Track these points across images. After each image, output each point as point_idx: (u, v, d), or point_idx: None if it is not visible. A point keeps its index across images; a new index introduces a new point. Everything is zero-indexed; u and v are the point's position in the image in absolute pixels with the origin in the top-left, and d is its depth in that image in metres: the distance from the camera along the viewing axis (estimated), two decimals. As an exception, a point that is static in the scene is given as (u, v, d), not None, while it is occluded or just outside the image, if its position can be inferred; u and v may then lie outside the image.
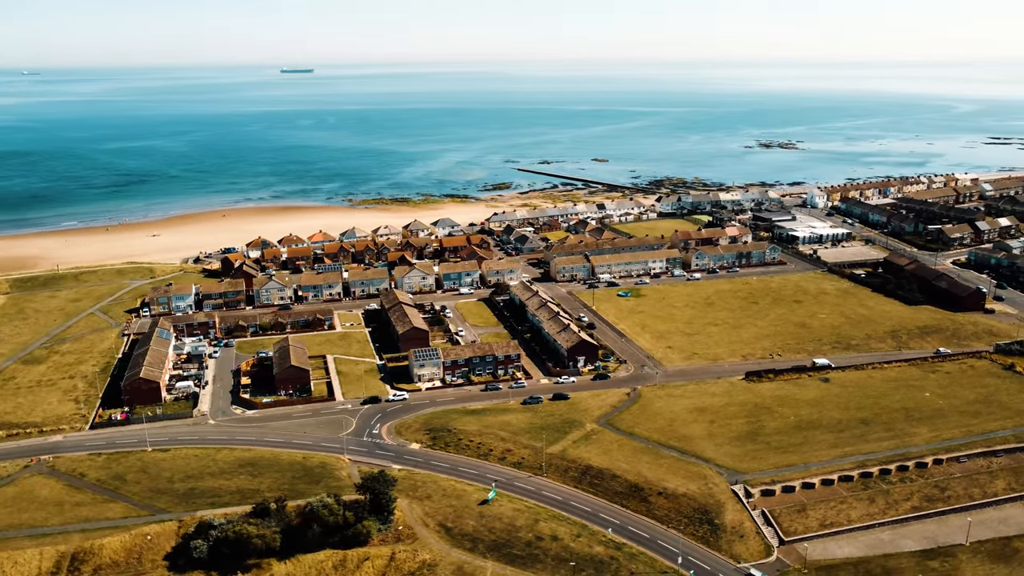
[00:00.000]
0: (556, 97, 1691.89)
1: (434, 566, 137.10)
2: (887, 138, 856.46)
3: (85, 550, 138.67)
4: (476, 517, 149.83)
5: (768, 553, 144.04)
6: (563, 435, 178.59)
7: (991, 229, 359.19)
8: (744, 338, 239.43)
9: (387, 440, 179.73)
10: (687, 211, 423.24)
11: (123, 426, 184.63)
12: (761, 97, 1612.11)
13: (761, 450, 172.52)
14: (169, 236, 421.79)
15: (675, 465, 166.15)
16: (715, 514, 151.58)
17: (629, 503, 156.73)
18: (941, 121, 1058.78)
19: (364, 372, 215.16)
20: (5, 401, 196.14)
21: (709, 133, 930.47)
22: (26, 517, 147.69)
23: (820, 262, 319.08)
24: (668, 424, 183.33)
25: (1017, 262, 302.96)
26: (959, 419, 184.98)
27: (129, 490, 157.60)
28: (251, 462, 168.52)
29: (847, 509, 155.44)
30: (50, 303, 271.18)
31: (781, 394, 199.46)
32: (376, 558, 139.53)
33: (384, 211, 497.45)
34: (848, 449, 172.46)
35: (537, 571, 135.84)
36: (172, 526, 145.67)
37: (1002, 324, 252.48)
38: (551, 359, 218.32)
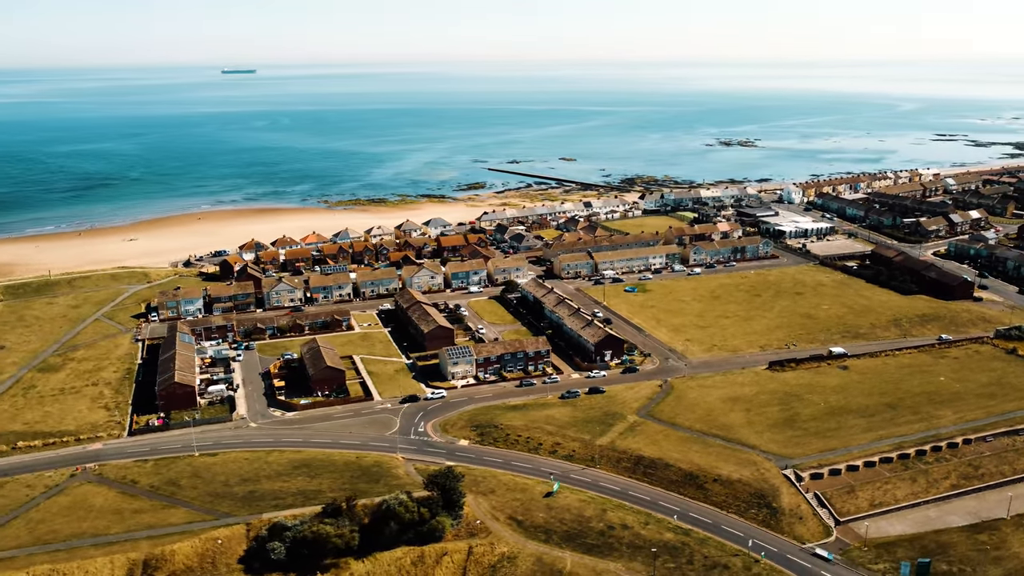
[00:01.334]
0: (506, 97, 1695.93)
1: (513, 558, 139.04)
2: (839, 136, 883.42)
3: (156, 556, 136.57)
4: (544, 509, 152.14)
5: (828, 533, 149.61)
6: (608, 427, 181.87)
7: (963, 221, 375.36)
8: (757, 329, 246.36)
9: (434, 438, 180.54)
10: (670, 208, 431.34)
11: (161, 432, 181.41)
12: (707, 96, 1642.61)
13: (801, 436, 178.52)
14: (147, 240, 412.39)
15: (723, 453, 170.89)
16: (772, 498, 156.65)
17: (686, 491, 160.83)
18: (887, 119, 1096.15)
19: (394, 371, 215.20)
20: (32, 410, 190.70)
21: (667, 132, 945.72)
22: (86, 526, 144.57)
23: (810, 255, 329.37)
24: (707, 414, 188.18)
25: (996, 252, 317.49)
26: (978, 401, 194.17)
27: (186, 495, 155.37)
28: (305, 463, 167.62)
29: (892, 489, 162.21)
30: (50, 310, 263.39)
31: (805, 382, 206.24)
32: (454, 553, 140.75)
33: (363, 212, 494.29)
34: (882, 432, 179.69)
35: (614, 559, 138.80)
36: (240, 529, 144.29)
37: (992, 311, 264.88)
38: (578, 354, 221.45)
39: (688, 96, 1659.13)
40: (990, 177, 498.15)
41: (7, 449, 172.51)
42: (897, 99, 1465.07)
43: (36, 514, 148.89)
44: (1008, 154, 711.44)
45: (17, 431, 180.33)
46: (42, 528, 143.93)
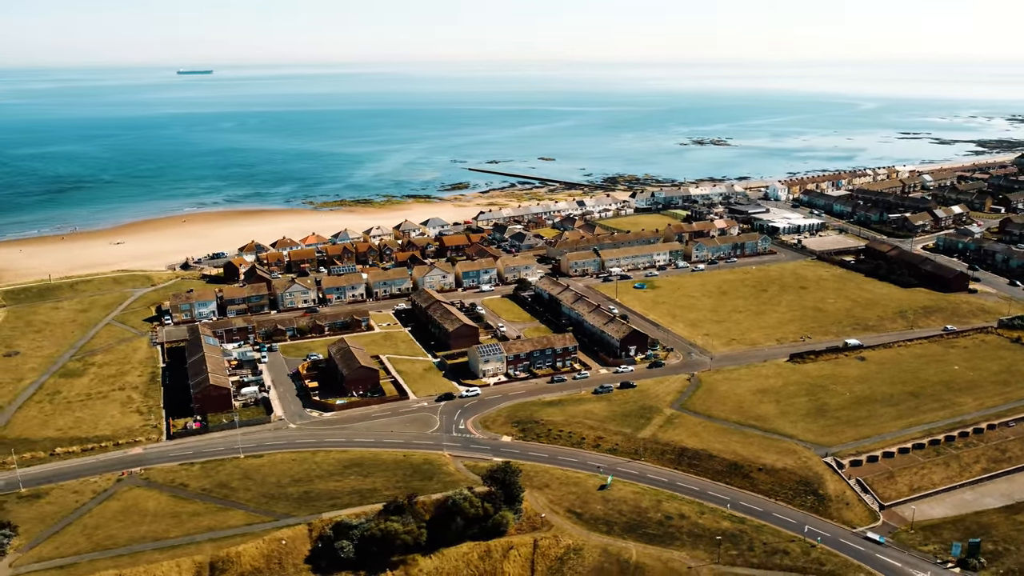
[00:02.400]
0: (474, 97, 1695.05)
1: (579, 550, 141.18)
2: (808, 134, 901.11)
3: (222, 559, 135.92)
4: (601, 502, 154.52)
5: (875, 518, 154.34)
6: (647, 421, 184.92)
7: (947, 216, 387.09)
8: (770, 323, 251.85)
9: (477, 435, 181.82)
10: (661, 206, 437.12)
11: (200, 434, 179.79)
12: (671, 97, 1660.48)
13: (833, 424, 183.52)
14: (134, 243, 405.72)
15: (763, 443, 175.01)
16: (817, 485, 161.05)
17: (732, 480, 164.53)
18: (850, 118, 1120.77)
19: (423, 370, 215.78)
20: (63, 416, 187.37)
21: (640, 131, 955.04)
22: (144, 530, 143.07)
23: (806, 251, 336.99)
24: (739, 405, 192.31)
25: (984, 246, 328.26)
26: (994, 388, 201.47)
27: (240, 497, 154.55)
28: (354, 462, 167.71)
29: (928, 474, 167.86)
30: (57, 315, 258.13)
31: (827, 373, 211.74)
32: (520, 546, 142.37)
33: (350, 213, 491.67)
34: (910, 420, 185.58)
35: (676, 548, 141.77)
36: (302, 530, 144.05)
37: (989, 302, 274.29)
38: (602, 350, 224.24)
39: (652, 96, 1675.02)
40: (963, 173, 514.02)
41: (45, 456, 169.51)
42: (856, 99, 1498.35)
43: (90, 520, 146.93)
44: (972, 151, 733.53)
45: (52, 437, 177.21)
46: (99, 534, 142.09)
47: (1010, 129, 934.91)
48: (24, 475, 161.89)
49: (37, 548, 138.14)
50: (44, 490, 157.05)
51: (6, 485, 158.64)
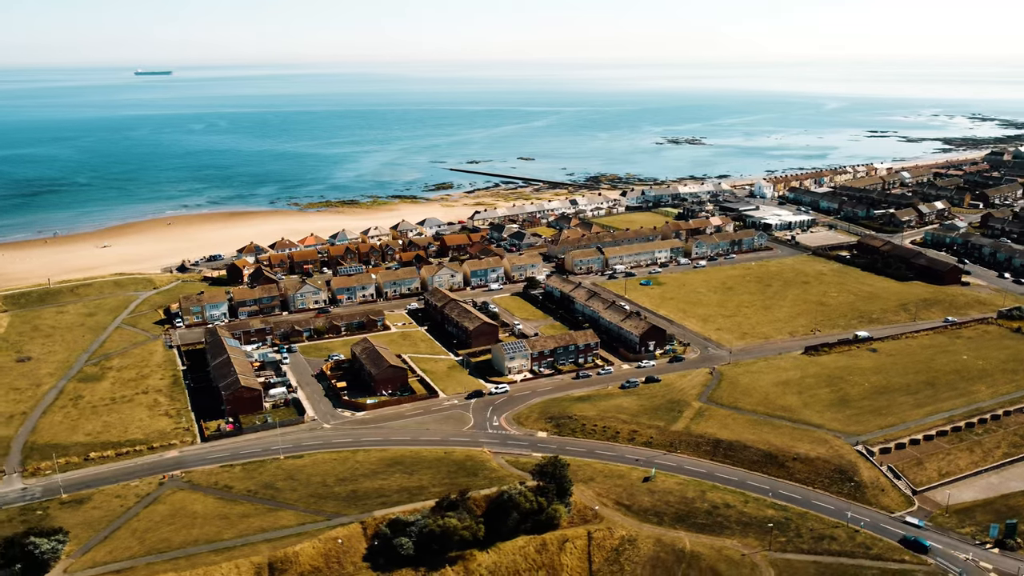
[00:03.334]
0: (443, 98, 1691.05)
1: (634, 540, 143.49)
2: (779, 133, 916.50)
3: (280, 559, 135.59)
4: (648, 493, 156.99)
5: (910, 503, 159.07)
6: (678, 414, 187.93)
7: (930, 212, 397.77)
8: (779, 317, 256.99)
9: (511, 431, 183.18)
10: (651, 204, 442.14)
11: (235, 436, 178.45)
12: (639, 96, 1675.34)
13: (857, 414, 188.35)
14: (122, 246, 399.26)
15: (794, 433, 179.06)
16: (852, 473, 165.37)
17: (769, 470, 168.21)
18: (816, 117, 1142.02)
19: (447, 368, 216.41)
20: (89, 421, 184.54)
21: (614, 131, 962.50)
22: (196, 533, 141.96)
23: (800, 247, 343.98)
24: (764, 397, 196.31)
25: (971, 240, 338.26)
26: (1004, 376, 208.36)
27: (287, 497, 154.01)
28: (396, 461, 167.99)
29: (954, 459, 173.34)
30: (63, 319, 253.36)
31: (843, 364, 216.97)
32: (575, 539, 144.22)
33: (337, 214, 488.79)
34: (930, 408, 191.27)
35: (727, 536, 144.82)
36: (356, 528, 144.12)
37: (982, 294, 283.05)
38: (621, 346, 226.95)
39: (621, 97, 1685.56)
40: (939, 170, 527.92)
41: (79, 461, 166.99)
42: (821, 98, 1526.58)
43: (138, 524, 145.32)
44: (940, 149, 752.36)
45: (83, 442, 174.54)
46: (151, 537, 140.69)
47: (972, 127, 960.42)
48: (62, 480, 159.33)
49: (90, 553, 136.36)
50: (85, 495, 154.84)
51: (44, 491, 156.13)
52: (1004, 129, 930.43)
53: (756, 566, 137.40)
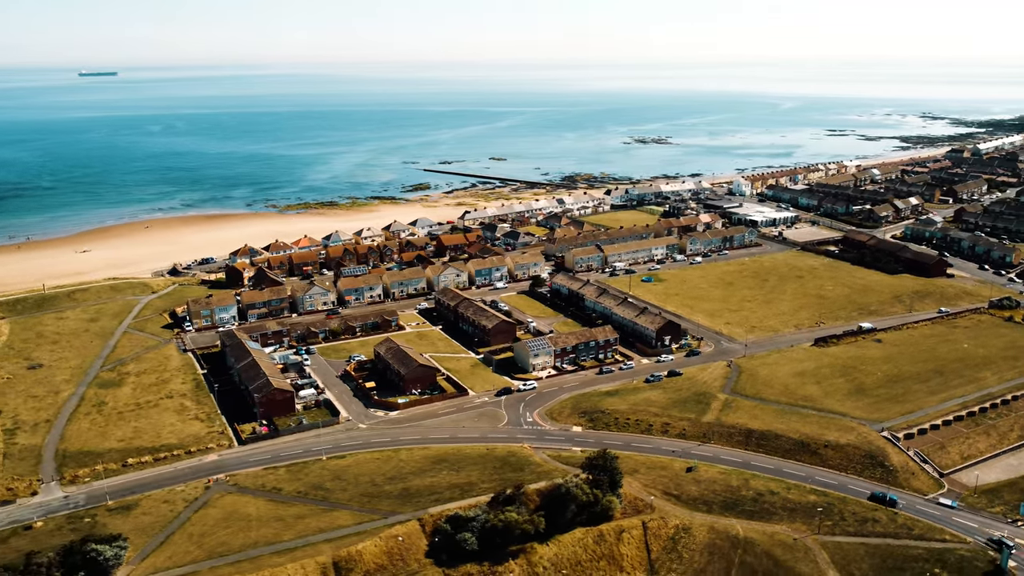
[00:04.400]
0: (401, 99, 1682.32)
1: (689, 529, 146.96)
2: (742, 132, 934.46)
3: (344, 558, 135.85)
4: (693, 483, 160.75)
5: (940, 485, 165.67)
6: (706, 406, 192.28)
7: (906, 207, 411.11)
8: (782, 311, 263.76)
9: (546, 426, 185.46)
10: (636, 202, 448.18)
11: (271, 439, 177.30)
12: (602, 97, 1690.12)
13: (876, 402, 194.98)
14: (103, 251, 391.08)
15: (820, 421, 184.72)
16: (882, 458, 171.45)
17: (803, 457, 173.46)
18: (774, 116, 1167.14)
19: (470, 367, 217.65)
20: (118, 427, 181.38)
21: (580, 131, 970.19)
22: (255, 535, 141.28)
23: (788, 242, 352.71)
24: (785, 388, 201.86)
25: (950, 234, 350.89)
26: (1006, 363, 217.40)
27: (339, 497, 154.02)
28: (441, 458, 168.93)
29: (974, 443, 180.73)
30: (66, 324, 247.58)
31: (852, 355, 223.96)
32: (630, 529, 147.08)
33: (319, 216, 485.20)
34: (943, 395, 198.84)
35: (776, 522, 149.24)
36: (414, 525, 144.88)
37: (969, 286, 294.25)
38: (638, 341, 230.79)
39: (583, 97, 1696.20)
40: (906, 168, 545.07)
41: (117, 467, 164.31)
42: (777, 98, 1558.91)
43: (193, 528, 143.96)
44: (898, 147, 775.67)
45: (116, 449, 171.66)
46: (210, 541, 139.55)
47: (925, 126, 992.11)
48: (103, 487, 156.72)
49: (149, 559, 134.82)
50: (132, 501, 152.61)
51: (88, 499, 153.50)
52: (955, 127, 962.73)
53: (809, 549, 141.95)
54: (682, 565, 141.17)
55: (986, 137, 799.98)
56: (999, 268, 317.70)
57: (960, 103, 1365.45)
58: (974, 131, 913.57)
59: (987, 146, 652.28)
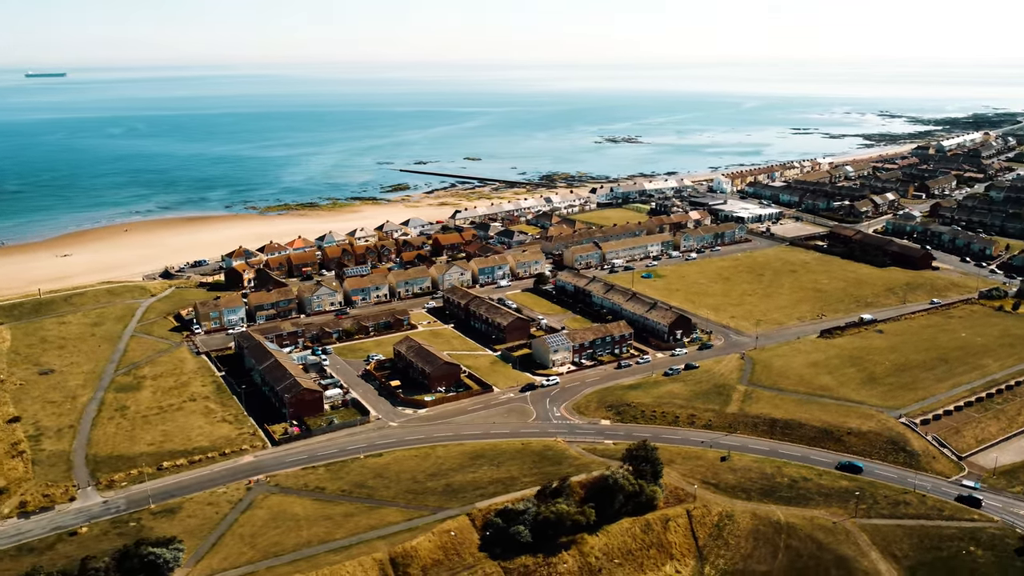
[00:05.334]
0: (367, 99, 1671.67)
1: (732, 516, 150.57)
2: (708, 131, 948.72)
3: (400, 554, 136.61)
4: (729, 471, 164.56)
5: (960, 469, 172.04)
6: (727, 397, 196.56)
7: (883, 203, 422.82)
8: (783, 304, 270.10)
9: (574, 420, 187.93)
10: (621, 201, 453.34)
11: (304, 439, 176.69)
12: (566, 97, 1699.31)
13: (889, 390, 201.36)
14: (85, 255, 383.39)
15: (839, 409, 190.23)
16: (904, 443, 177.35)
17: (828, 444, 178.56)
18: (738, 115, 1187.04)
19: (490, 364, 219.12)
20: (145, 431, 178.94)
21: (550, 131, 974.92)
22: (307, 534, 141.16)
23: (776, 238, 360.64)
24: (800, 378, 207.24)
25: (930, 228, 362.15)
26: (1005, 351, 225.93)
27: (384, 495, 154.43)
28: (478, 454, 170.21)
29: (985, 427, 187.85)
30: (69, 329, 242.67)
31: (858, 345, 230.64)
32: (675, 517, 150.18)
33: (301, 217, 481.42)
34: (951, 382, 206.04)
35: (813, 507, 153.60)
36: (464, 520, 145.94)
37: (955, 277, 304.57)
38: (650, 335, 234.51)
39: (548, 97, 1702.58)
40: (876, 164, 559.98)
41: (152, 471, 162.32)
42: (739, 98, 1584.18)
43: (242, 529, 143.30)
44: (862, 144, 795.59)
45: (148, 452, 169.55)
46: (262, 541, 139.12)
47: (884, 124, 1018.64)
48: (142, 491, 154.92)
49: (204, 561, 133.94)
50: (174, 504, 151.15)
51: (129, 503, 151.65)
52: (913, 125, 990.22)
53: (849, 532, 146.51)
54: (729, 551, 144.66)
55: (944, 135, 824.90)
56: (980, 260, 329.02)
57: (915, 102, 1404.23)
58: (931, 128, 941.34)
59: (950, 143, 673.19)
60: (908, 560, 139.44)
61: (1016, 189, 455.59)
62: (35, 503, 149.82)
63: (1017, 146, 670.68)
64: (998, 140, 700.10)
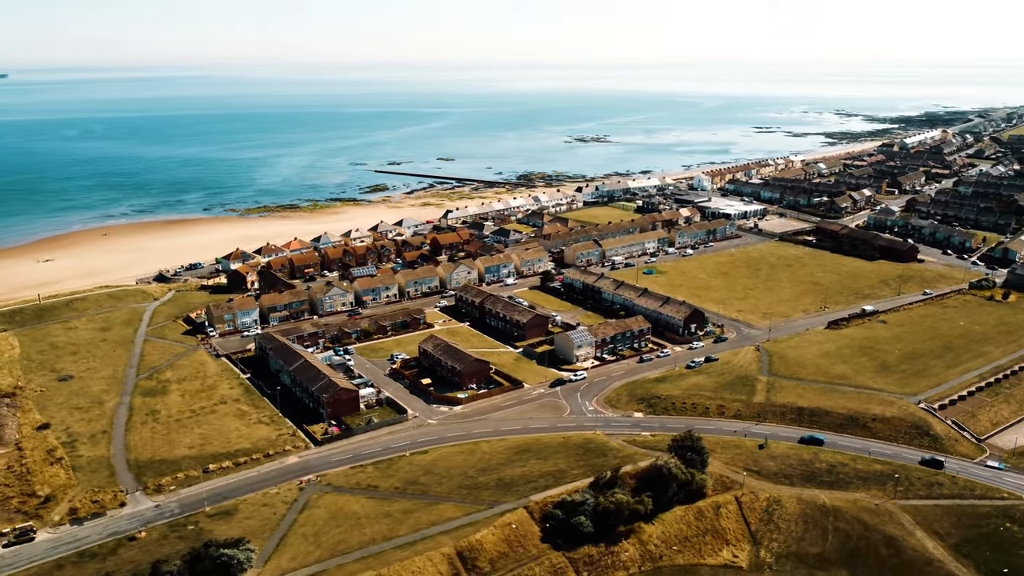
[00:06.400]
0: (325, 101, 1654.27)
1: (779, 501, 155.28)
2: (675, 130, 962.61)
3: (466, 548, 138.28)
4: (769, 459, 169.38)
5: (981, 450, 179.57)
6: (752, 388, 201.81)
7: (861, 198, 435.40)
8: (785, 297, 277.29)
9: (608, 413, 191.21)
10: (606, 199, 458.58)
11: (345, 438, 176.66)
12: (529, 97, 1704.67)
13: (903, 377, 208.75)
14: (66, 259, 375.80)
15: (860, 397, 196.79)
16: (927, 428, 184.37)
17: (855, 431, 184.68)
18: (699, 114, 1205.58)
19: (513, 360, 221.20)
20: (183, 435, 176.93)
21: (519, 130, 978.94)
22: (370, 532, 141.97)
23: (765, 234, 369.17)
24: (817, 368, 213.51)
25: (911, 222, 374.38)
26: (1003, 338, 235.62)
27: (438, 491, 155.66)
28: (523, 448, 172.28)
29: (998, 411, 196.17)
30: (78, 335, 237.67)
31: (864, 335, 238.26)
32: (726, 504, 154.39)
33: (283, 219, 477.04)
34: (959, 369, 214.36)
35: (854, 491, 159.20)
36: (522, 513, 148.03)
37: (941, 269, 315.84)
38: (666, 330, 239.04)
39: (507, 97, 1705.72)
40: (846, 161, 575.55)
41: (199, 474, 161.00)
42: (699, 97, 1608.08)
43: (304, 528, 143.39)
44: (825, 142, 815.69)
45: (190, 456, 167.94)
46: (327, 540, 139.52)
47: (842, 123, 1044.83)
48: (193, 494, 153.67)
49: (272, 561, 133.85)
50: (229, 507, 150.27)
51: (182, 506, 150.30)
52: (871, 124, 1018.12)
53: (892, 513, 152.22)
54: (781, 535, 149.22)
55: (903, 132, 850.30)
56: (960, 253, 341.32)
57: (869, 101, 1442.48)
58: (888, 127, 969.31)
59: (912, 140, 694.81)
60: (952, 538, 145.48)
61: (982, 184, 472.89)
62: (86, 509, 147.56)
63: (975, 143, 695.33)
64: (956, 137, 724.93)
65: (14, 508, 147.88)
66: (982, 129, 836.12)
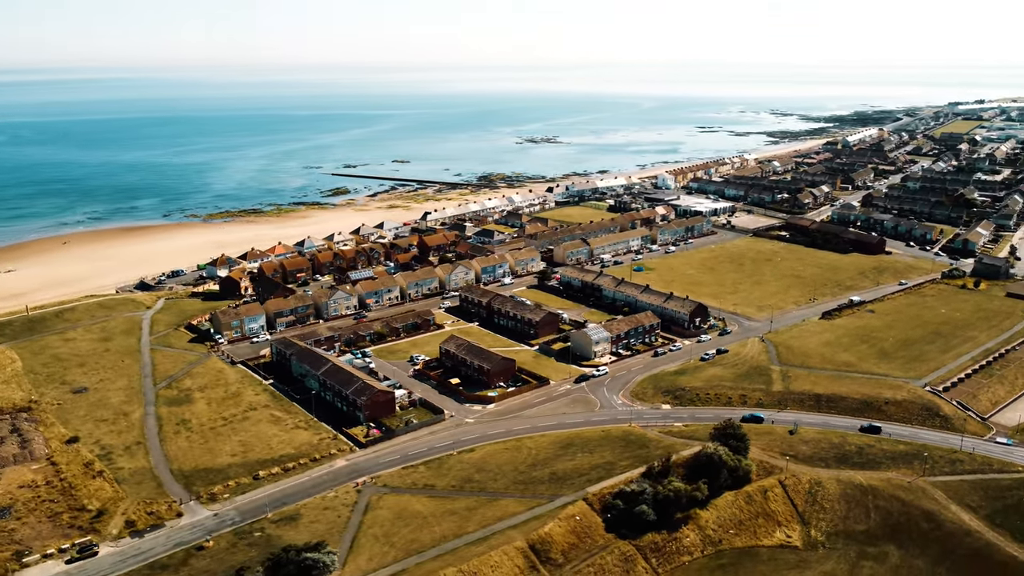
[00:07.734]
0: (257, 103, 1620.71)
1: (820, 482, 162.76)
2: (621, 131, 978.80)
3: (537, 541, 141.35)
4: (802, 443, 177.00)
5: (987, 428, 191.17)
6: (768, 377, 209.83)
7: (820, 195, 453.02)
8: (774, 291, 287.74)
9: (637, 406, 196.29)
10: (577, 199, 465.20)
11: (387, 440, 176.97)
12: (470, 98, 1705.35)
13: (904, 362, 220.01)
14: (28, 269, 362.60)
15: (869, 382, 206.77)
16: (936, 409, 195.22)
17: (870, 414, 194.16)
18: (640, 116, 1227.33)
19: (532, 358, 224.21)
20: (222, 443, 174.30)
21: (468, 132, 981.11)
22: (439, 530, 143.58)
23: (738, 230, 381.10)
24: (822, 356, 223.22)
25: (872, 216, 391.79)
26: (984, 323, 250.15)
27: (495, 487, 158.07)
28: (567, 443, 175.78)
29: (995, 391, 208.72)
30: (79, 346, 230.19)
31: (857, 324, 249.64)
32: (771, 488, 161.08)
33: (248, 224, 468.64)
34: (952, 353, 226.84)
35: (884, 470, 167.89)
36: (582, 505, 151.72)
37: (909, 260, 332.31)
38: (672, 324, 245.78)
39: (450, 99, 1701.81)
40: (798, 159, 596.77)
41: (249, 481, 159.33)
42: (637, 98, 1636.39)
43: (373, 530, 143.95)
44: (768, 141, 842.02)
45: (235, 463, 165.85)
46: (399, 540, 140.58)
47: (779, 122, 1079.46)
48: (249, 501, 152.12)
49: (350, 563, 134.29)
50: (290, 512, 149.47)
51: (241, 513, 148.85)
52: (806, 123, 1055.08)
53: (924, 489, 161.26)
54: (827, 515, 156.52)
55: (838, 131, 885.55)
56: (923, 245, 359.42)
57: (801, 101, 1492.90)
58: (823, 126, 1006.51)
59: (854, 138, 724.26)
60: (983, 510, 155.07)
61: (928, 180, 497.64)
62: (143, 521, 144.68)
63: (910, 140, 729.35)
64: (893, 136, 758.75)
65: (67, 523, 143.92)
66: (914, 127, 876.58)
